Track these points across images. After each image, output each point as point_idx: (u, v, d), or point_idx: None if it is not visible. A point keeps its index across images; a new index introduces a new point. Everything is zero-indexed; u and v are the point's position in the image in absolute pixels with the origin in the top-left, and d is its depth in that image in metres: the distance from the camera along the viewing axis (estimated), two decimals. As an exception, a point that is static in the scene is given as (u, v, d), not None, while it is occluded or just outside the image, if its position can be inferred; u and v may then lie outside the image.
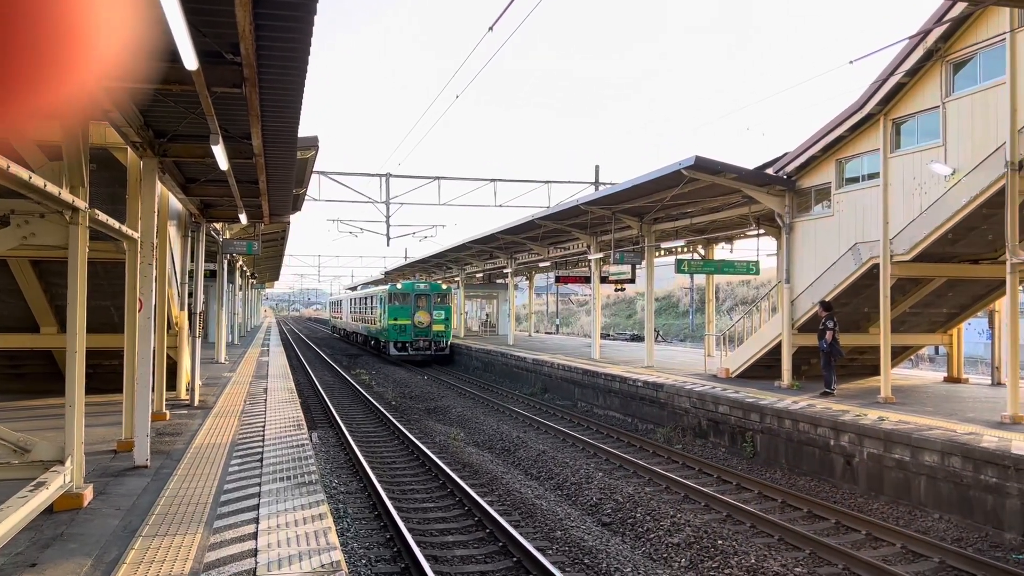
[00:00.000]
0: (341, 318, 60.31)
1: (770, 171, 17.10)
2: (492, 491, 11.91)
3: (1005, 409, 11.87)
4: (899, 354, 18.59)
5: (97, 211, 7.78)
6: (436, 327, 36.30)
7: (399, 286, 36.94)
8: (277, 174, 12.25)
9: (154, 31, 5.37)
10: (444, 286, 37.54)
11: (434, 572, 7.94)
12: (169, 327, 15.10)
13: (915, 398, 14.83)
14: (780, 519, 10.38)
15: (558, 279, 38.17)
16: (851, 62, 10.29)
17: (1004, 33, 11.84)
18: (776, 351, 17.20)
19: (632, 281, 34.38)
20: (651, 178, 17.55)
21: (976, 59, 12.71)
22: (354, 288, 69.26)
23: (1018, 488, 9.31)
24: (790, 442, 13.48)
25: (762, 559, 8.48)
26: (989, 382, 17.75)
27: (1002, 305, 16.46)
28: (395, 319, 35.80)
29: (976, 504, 9.90)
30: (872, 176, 14.83)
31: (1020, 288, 11.92)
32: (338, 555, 5.99)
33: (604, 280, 26.91)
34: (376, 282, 63.69)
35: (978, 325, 29.31)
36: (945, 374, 18.86)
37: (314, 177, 25.57)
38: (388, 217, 31.22)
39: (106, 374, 14.50)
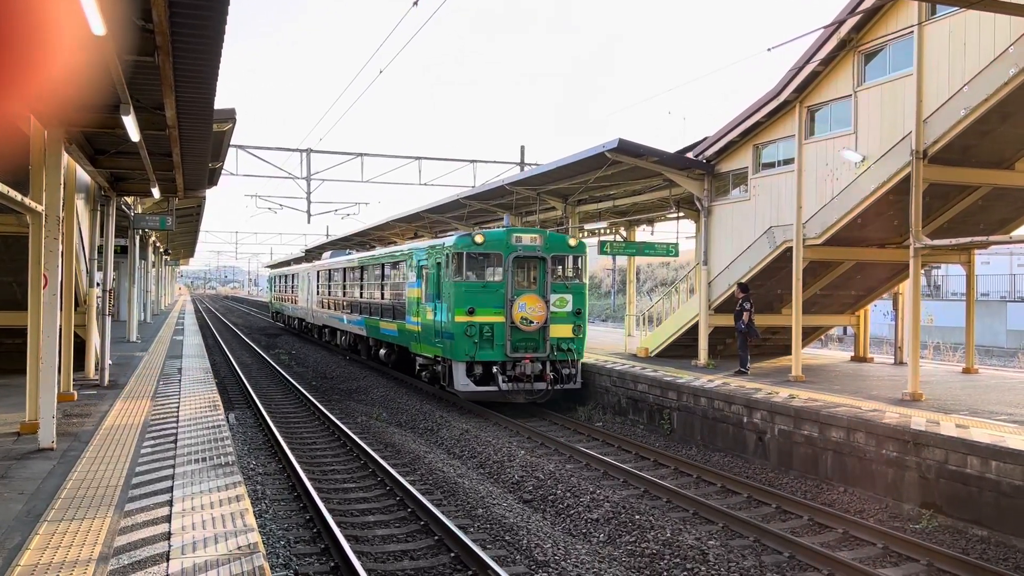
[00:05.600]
0: (296, 303, 39.44)
1: (690, 155, 17.43)
2: (414, 470, 11.89)
3: (906, 387, 12.47)
4: (810, 334, 19.31)
5: (-3, 181, 7.39)
6: (558, 330, 17.16)
7: (477, 239, 17.05)
8: (192, 147, 11.86)
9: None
10: (572, 241, 18.00)
11: (355, 552, 7.89)
12: (77, 305, 14.51)
13: (824, 376, 15.43)
14: (695, 494, 10.69)
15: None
16: (769, 49, 10.58)
17: (913, 26, 12.32)
18: (693, 331, 17.63)
19: (556, 262, 34.62)
20: (576, 159, 17.64)
21: (886, 50, 13.19)
22: (320, 249, 43.49)
23: (916, 461, 9.82)
24: (706, 419, 13.87)
25: (677, 532, 8.73)
26: (892, 361, 18.61)
27: (905, 288, 17.20)
28: (469, 312, 16.65)
29: (878, 477, 10.40)
30: (787, 162, 15.27)
31: (922, 272, 12.49)
32: (255, 536, 5.90)
33: (528, 260, 26.98)
34: (347, 245, 42.21)
35: (883, 307, 30.64)
36: (852, 353, 19.68)
37: (231, 151, 24.87)
38: (309, 193, 30.66)
39: (9, 353, 13.87)
